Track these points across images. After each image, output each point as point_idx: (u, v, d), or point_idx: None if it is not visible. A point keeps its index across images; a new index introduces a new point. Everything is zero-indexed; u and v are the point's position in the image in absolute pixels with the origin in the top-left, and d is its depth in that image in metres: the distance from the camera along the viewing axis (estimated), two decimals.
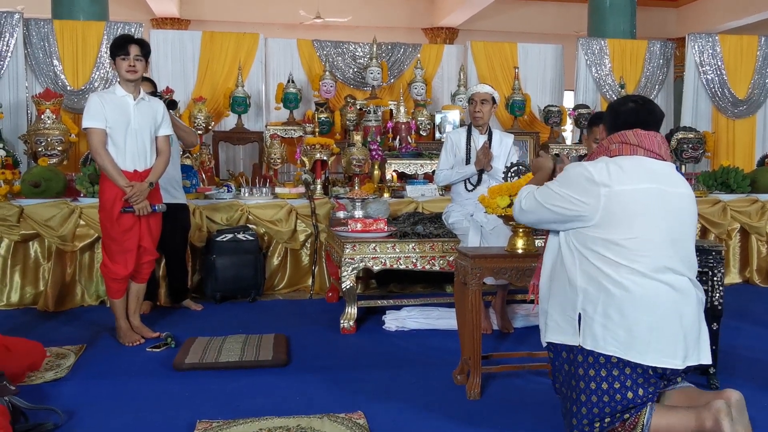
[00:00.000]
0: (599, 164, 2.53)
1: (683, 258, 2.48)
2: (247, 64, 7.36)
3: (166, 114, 4.24)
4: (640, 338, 2.37)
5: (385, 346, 4.16)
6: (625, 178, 2.46)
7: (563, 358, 2.56)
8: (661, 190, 2.48)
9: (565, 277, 2.53)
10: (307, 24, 13.12)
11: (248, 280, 5.25)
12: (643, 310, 2.37)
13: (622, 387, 2.40)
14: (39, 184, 5.16)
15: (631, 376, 2.40)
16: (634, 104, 2.63)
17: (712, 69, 7.99)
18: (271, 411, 3.03)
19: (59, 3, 7.36)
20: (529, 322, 4.59)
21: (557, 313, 2.56)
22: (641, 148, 2.55)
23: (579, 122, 7.53)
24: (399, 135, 6.66)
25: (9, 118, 6.33)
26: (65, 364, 3.69)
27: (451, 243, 4.51)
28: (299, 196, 5.69)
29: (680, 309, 2.41)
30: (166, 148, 4.21)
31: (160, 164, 4.16)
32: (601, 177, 2.47)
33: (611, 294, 2.39)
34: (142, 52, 4.08)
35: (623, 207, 2.44)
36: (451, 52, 8.20)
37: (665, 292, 2.40)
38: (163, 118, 4.18)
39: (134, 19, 8.73)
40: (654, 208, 2.45)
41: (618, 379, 2.41)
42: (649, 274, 2.39)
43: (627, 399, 2.40)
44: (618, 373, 2.41)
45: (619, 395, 2.40)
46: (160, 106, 4.22)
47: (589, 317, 2.43)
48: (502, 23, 13.91)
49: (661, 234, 2.44)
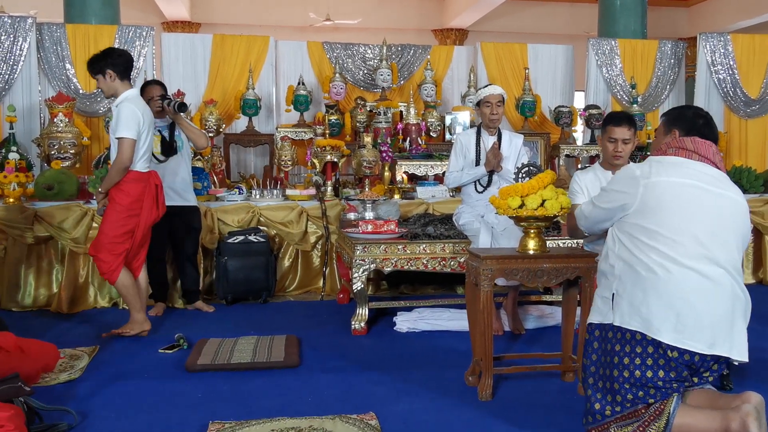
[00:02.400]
0: (645, 163, 2.70)
1: (722, 253, 2.51)
2: (258, 67, 7.38)
3: (118, 116, 4.15)
4: (660, 317, 2.45)
5: (396, 347, 4.16)
6: (663, 171, 2.61)
7: (596, 336, 2.67)
8: (701, 188, 2.56)
9: (607, 263, 2.68)
10: (317, 26, 13.15)
11: (259, 281, 5.27)
12: (666, 293, 2.45)
13: (643, 364, 2.48)
14: (52, 186, 5.21)
15: (653, 356, 2.47)
16: (702, 119, 2.78)
17: (724, 69, 7.94)
18: (283, 412, 3.04)
19: (71, 7, 7.41)
20: (540, 323, 4.58)
21: (599, 297, 2.70)
22: (696, 154, 2.65)
23: (590, 123, 7.49)
24: (409, 136, 6.66)
25: (22, 121, 6.37)
26: (79, 365, 3.71)
27: (461, 244, 4.51)
28: (310, 197, 5.71)
29: (709, 298, 2.45)
30: (117, 151, 4.18)
31: (108, 171, 4.28)
32: (642, 172, 2.64)
33: (639, 275, 2.52)
34: (92, 72, 4.22)
35: (658, 196, 2.56)
36: (461, 53, 8.18)
37: (694, 280, 2.45)
38: (116, 122, 4.16)
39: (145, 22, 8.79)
40: (688, 202, 2.54)
41: (640, 356, 2.49)
42: (680, 260, 2.47)
43: (646, 377, 2.47)
44: (641, 350, 2.49)
45: (638, 371, 2.48)
46: (117, 108, 4.19)
47: (619, 296, 2.56)
48: (512, 24, 13.89)
49: (697, 226, 2.50)
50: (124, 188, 4.18)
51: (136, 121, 4.15)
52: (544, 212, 3.23)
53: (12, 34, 6.51)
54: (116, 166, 4.15)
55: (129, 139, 4.11)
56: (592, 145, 7.49)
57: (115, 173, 4.15)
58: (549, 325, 4.56)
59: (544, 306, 4.88)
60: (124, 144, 4.11)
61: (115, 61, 4.22)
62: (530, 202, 3.24)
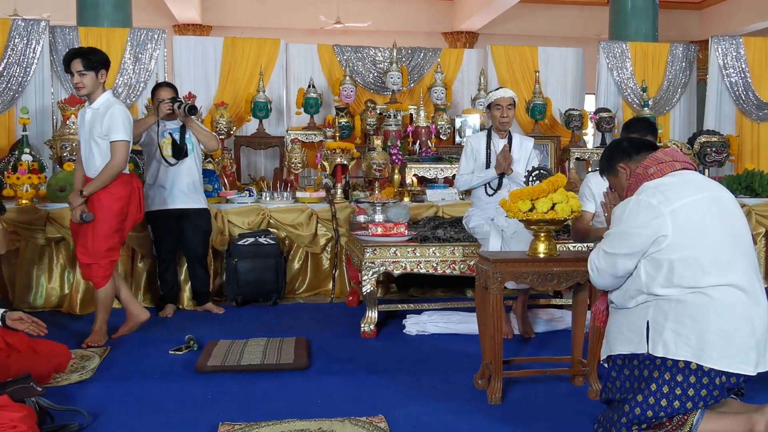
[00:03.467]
0: (646, 191, 2.54)
1: (748, 260, 2.48)
2: (269, 70, 7.41)
3: (112, 119, 4.07)
4: (713, 344, 2.36)
5: (405, 350, 4.16)
6: (678, 195, 2.48)
7: (622, 365, 2.55)
8: (713, 196, 2.51)
9: (626, 296, 2.55)
10: (328, 29, 13.18)
11: (269, 283, 5.28)
12: (717, 317, 2.37)
13: (683, 394, 2.38)
14: (64, 188, 5.24)
15: (695, 385, 2.37)
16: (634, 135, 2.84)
17: (736, 72, 7.89)
18: (293, 414, 3.04)
19: (84, 10, 7.47)
20: (550, 326, 4.57)
21: (624, 326, 2.55)
22: (677, 162, 2.59)
23: (600, 126, 7.47)
24: (419, 139, 6.66)
25: (35, 123, 6.42)
26: (90, 366, 3.74)
27: (471, 247, 4.50)
28: (320, 200, 5.72)
29: (752, 315, 2.40)
30: (112, 154, 4.10)
31: (100, 174, 4.09)
32: (657, 200, 2.49)
33: (685, 302, 2.39)
34: (85, 65, 4.02)
35: (689, 221, 2.45)
36: (471, 56, 8.18)
37: (739, 299, 2.40)
38: (109, 125, 4.06)
39: (157, 25, 8.83)
40: (714, 216, 2.47)
41: (680, 385, 2.38)
42: (724, 281, 2.39)
43: (685, 408, 2.38)
44: (682, 379, 2.38)
45: (677, 402, 2.38)
46: (108, 111, 4.08)
47: (659, 325, 2.43)
48: (523, 27, 13.85)
49: (726, 239, 2.45)
50: (113, 191, 4.13)
51: (130, 123, 4.16)
52: (555, 216, 3.22)
53: (26, 37, 6.57)
54: (112, 170, 4.08)
55: (125, 141, 4.10)
56: (602, 148, 7.46)
57: (109, 177, 4.09)
58: (559, 328, 4.55)
59: (553, 309, 4.86)
60: (121, 146, 4.08)
61: (108, 63, 4.18)
62: (540, 206, 3.24)
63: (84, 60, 4.03)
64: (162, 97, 4.82)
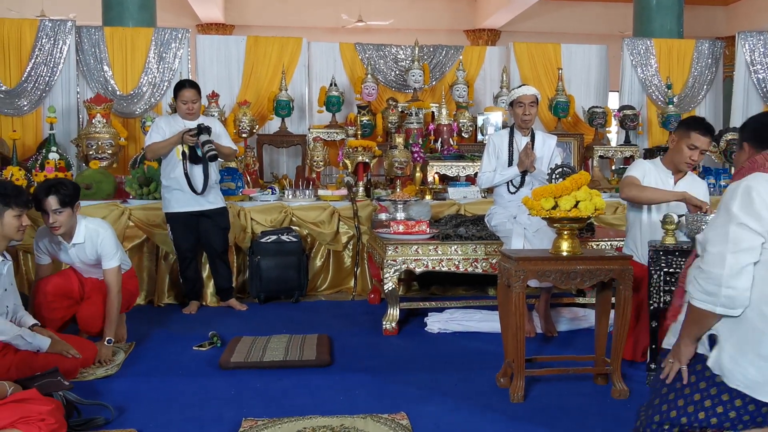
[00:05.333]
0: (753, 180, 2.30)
1: None
2: (291, 68, 7.44)
3: (102, 249, 3.89)
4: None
5: (427, 347, 4.16)
6: None
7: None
8: None
9: None
10: (350, 28, 13.21)
11: (292, 281, 5.31)
12: None
13: (724, 414, 2.25)
14: (90, 186, 5.32)
15: (739, 409, 2.24)
16: None
17: (764, 68, 7.77)
18: (315, 410, 3.06)
19: (109, 10, 7.56)
20: (573, 325, 4.54)
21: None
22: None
23: (624, 123, 7.40)
24: (441, 137, 6.65)
25: (61, 122, 6.52)
26: (116, 361, 3.79)
27: (494, 245, 4.49)
28: (342, 198, 5.74)
29: None
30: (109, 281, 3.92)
31: (110, 310, 3.88)
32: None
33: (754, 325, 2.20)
34: (60, 201, 3.66)
35: None
36: (493, 53, 8.15)
37: None
38: (99, 255, 3.88)
39: (180, 25, 8.89)
40: None
41: (724, 404, 2.26)
42: None
43: (721, 426, 2.26)
44: (728, 399, 2.25)
45: (715, 419, 2.26)
46: (93, 243, 3.89)
47: (719, 344, 2.28)
48: (545, 24, 13.77)
49: None
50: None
51: (117, 243, 4.02)
52: (578, 213, 3.20)
53: (52, 37, 6.67)
54: (118, 299, 3.91)
55: (119, 265, 3.95)
56: (626, 146, 7.39)
57: (118, 306, 3.92)
58: (582, 327, 4.52)
59: (576, 308, 4.83)
60: (116, 272, 3.92)
61: (78, 192, 3.89)
62: (564, 204, 3.22)
63: (59, 197, 3.68)
64: (184, 98, 4.83)
